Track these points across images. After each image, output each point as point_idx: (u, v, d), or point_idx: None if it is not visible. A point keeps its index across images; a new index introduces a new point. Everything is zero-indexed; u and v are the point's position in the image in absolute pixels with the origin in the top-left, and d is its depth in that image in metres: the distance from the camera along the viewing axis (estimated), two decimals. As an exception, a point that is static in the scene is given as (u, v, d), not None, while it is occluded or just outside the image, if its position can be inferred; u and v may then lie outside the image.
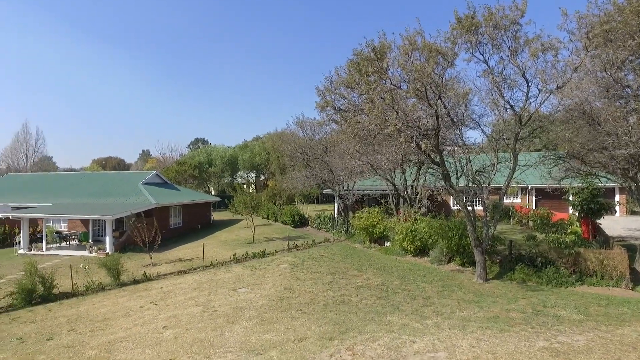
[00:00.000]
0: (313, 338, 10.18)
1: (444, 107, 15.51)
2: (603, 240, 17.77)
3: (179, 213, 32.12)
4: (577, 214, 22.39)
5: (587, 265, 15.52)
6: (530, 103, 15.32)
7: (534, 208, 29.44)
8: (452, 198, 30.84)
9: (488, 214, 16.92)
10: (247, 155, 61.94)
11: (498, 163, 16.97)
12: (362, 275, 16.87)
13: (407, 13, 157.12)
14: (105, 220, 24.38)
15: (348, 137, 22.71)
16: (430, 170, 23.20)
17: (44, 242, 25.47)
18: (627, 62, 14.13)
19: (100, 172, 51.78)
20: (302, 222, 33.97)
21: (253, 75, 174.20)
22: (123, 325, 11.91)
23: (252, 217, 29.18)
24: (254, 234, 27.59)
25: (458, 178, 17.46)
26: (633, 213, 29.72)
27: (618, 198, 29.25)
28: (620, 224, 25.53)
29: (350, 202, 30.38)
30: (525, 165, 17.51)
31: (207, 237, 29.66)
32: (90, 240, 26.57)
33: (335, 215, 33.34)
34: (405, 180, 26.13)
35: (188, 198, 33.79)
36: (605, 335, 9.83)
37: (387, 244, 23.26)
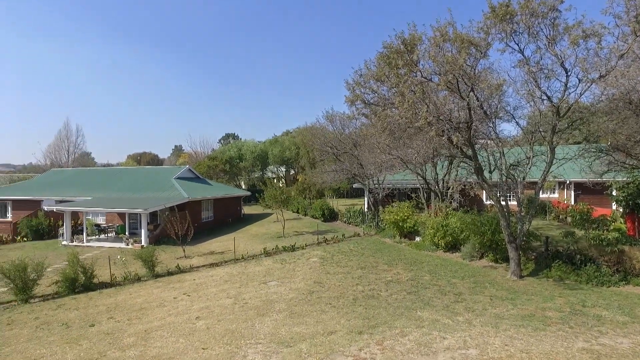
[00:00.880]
0: (342, 332, 10.22)
1: (477, 99, 15.07)
2: (650, 238, 16.89)
3: (211, 207, 32.84)
4: (621, 210, 21.32)
5: (632, 264, 14.72)
6: (570, 93, 14.61)
7: (573, 203, 28.27)
8: (484, 193, 30.06)
9: (523, 209, 16.38)
10: (277, 150, 62.48)
11: (534, 156, 16.35)
12: (392, 270, 16.76)
13: (438, 5, 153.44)
14: (140, 214, 25.22)
15: (378, 131, 22.45)
16: (462, 164, 22.65)
17: (85, 234, 26.68)
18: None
19: (135, 167, 53.56)
20: (331, 216, 34.03)
21: (283, 71, 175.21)
22: (158, 315, 12.35)
23: (282, 211, 29.48)
24: (284, 228, 27.87)
25: (491, 172, 16.98)
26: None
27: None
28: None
29: (380, 196, 30.15)
30: (564, 159, 16.78)
31: (237, 230, 30.22)
32: (127, 233, 27.58)
33: (365, 210, 33.19)
34: (437, 175, 25.66)
35: (219, 192, 34.50)
36: (651, 338, 9.36)
37: (417, 239, 22.98)
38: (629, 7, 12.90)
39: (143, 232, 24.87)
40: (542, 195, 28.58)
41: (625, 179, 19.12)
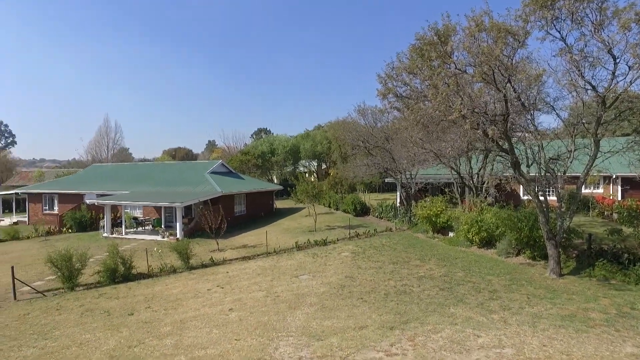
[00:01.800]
0: (374, 327, 10.18)
1: (514, 90, 14.49)
2: None
3: (243, 201, 33.39)
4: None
5: (688, 265, 13.82)
6: (618, 82, 13.75)
7: (620, 199, 26.80)
8: (521, 187, 28.99)
9: (563, 205, 15.69)
10: (308, 144, 62.63)
11: (575, 150, 15.59)
12: (424, 266, 16.51)
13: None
14: (176, 208, 25.92)
15: (410, 124, 22.13)
16: (498, 158, 21.91)
17: (123, 227, 27.75)
18: None
19: (171, 162, 55.13)
20: (363, 210, 33.85)
21: (314, 65, 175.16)
22: (193, 306, 12.72)
23: (313, 205, 29.58)
24: (316, 222, 27.99)
25: (529, 166, 16.35)
26: None
27: None
28: None
29: (413, 190, 29.71)
30: (610, 152, 15.85)
31: (270, 224, 30.60)
32: (163, 226, 28.46)
33: (398, 204, 32.82)
34: (471, 169, 24.98)
35: (252, 186, 35.01)
36: None
37: (451, 234, 22.51)
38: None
39: (178, 225, 25.61)
40: (584, 191, 27.26)
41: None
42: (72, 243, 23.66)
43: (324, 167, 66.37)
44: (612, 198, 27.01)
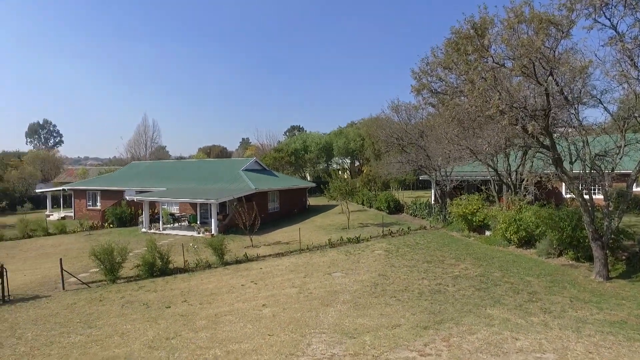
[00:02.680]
0: (407, 326, 10.04)
1: (556, 84, 13.82)
2: None
3: (277, 198, 33.75)
4: None
5: None
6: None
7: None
8: (564, 185, 27.74)
9: (611, 204, 14.86)
10: (341, 142, 62.53)
11: (626, 145, 14.72)
12: (459, 265, 16.12)
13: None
14: (211, 204, 26.50)
15: (446, 120, 21.63)
16: (539, 155, 21.03)
17: (161, 222, 28.67)
18: None
19: (206, 159, 56.37)
20: (397, 208, 33.46)
21: (347, 62, 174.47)
22: (227, 301, 12.98)
23: (346, 202, 29.49)
24: (349, 220, 27.92)
25: (572, 163, 15.60)
26: None
27: None
28: None
29: (448, 188, 29.06)
30: (665, 147, 14.91)
31: (303, 221, 30.79)
32: (198, 222, 29.18)
33: (432, 202, 32.21)
34: (509, 166, 24.11)
35: (285, 184, 35.33)
36: None
37: (487, 233, 21.86)
38: None
39: (213, 221, 26.19)
40: (636, 189, 25.78)
41: None
42: (113, 237, 24.70)
43: (357, 164, 66.09)
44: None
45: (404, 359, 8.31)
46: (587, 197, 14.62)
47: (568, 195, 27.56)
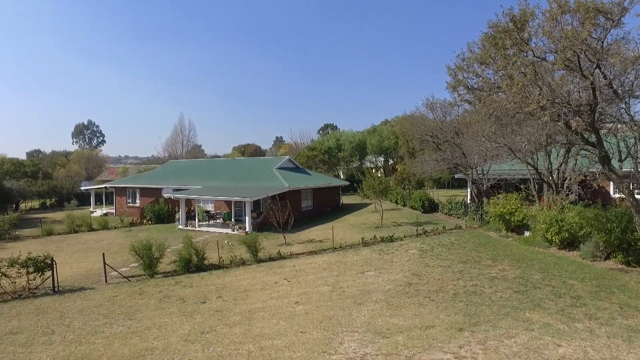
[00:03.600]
0: (441, 327, 9.82)
1: (604, 77, 13.06)
2: None
3: (310, 196, 33.89)
4: None
5: None
6: None
7: None
8: (612, 184, 26.31)
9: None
10: (375, 140, 62.04)
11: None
12: (496, 266, 15.61)
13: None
14: (245, 202, 26.88)
15: (482, 117, 20.97)
16: (583, 152, 20.03)
17: (197, 219, 29.43)
18: None
19: (240, 157, 57.37)
20: (431, 207, 32.86)
21: (380, 59, 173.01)
22: (260, 298, 13.15)
23: (380, 201, 29.23)
24: (382, 219, 27.66)
25: (622, 161, 14.75)
26: None
27: None
28: None
29: (485, 187, 28.24)
30: None
31: (336, 220, 30.76)
32: (233, 220, 29.70)
33: (468, 201, 31.43)
34: (550, 164, 23.10)
35: (318, 182, 35.42)
36: None
37: (526, 234, 21.06)
38: None
39: (247, 219, 26.61)
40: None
41: None
42: (151, 234, 25.60)
43: (391, 162, 65.42)
44: None
45: (439, 361, 8.13)
46: (639, 197, 13.77)
47: (617, 195, 26.15)
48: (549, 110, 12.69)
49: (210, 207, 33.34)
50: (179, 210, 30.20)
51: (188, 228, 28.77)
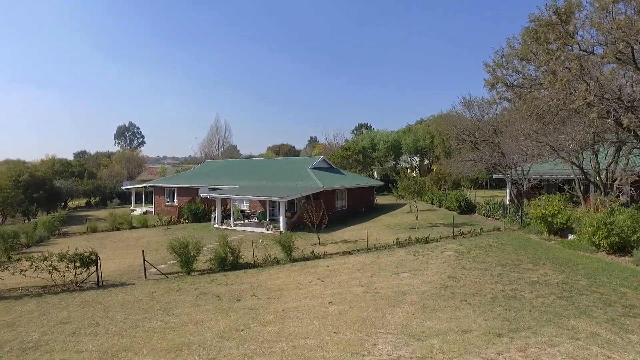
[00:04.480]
0: (478, 332, 9.51)
1: (659, 70, 12.28)
2: None
3: (344, 196, 33.77)
4: None
5: None
6: None
7: None
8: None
9: None
10: (410, 139, 61.14)
11: None
12: (538, 270, 14.95)
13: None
14: (279, 202, 27.03)
15: (523, 115, 20.26)
16: (636, 151, 18.89)
17: (232, 219, 29.96)
18: None
19: (275, 158, 58.06)
20: (468, 208, 32.00)
21: (415, 59, 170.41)
22: (294, 297, 13.20)
23: (415, 201, 28.74)
24: (417, 219, 27.19)
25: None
26: None
27: None
28: None
29: (525, 188, 27.17)
30: None
31: (370, 220, 30.51)
32: (267, 219, 30.00)
33: (507, 202, 30.35)
34: (598, 164, 21.90)
35: (352, 182, 35.25)
36: None
37: (570, 237, 20.05)
38: None
39: (281, 218, 26.81)
40: None
41: None
42: (188, 232, 26.31)
43: (427, 162, 64.30)
44: None
45: (476, 367, 7.87)
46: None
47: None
48: (597, 107, 12.06)
49: (245, 206, 33.85)
50: (215, 210, 30.86)
51: (224, 227, 29.32)
